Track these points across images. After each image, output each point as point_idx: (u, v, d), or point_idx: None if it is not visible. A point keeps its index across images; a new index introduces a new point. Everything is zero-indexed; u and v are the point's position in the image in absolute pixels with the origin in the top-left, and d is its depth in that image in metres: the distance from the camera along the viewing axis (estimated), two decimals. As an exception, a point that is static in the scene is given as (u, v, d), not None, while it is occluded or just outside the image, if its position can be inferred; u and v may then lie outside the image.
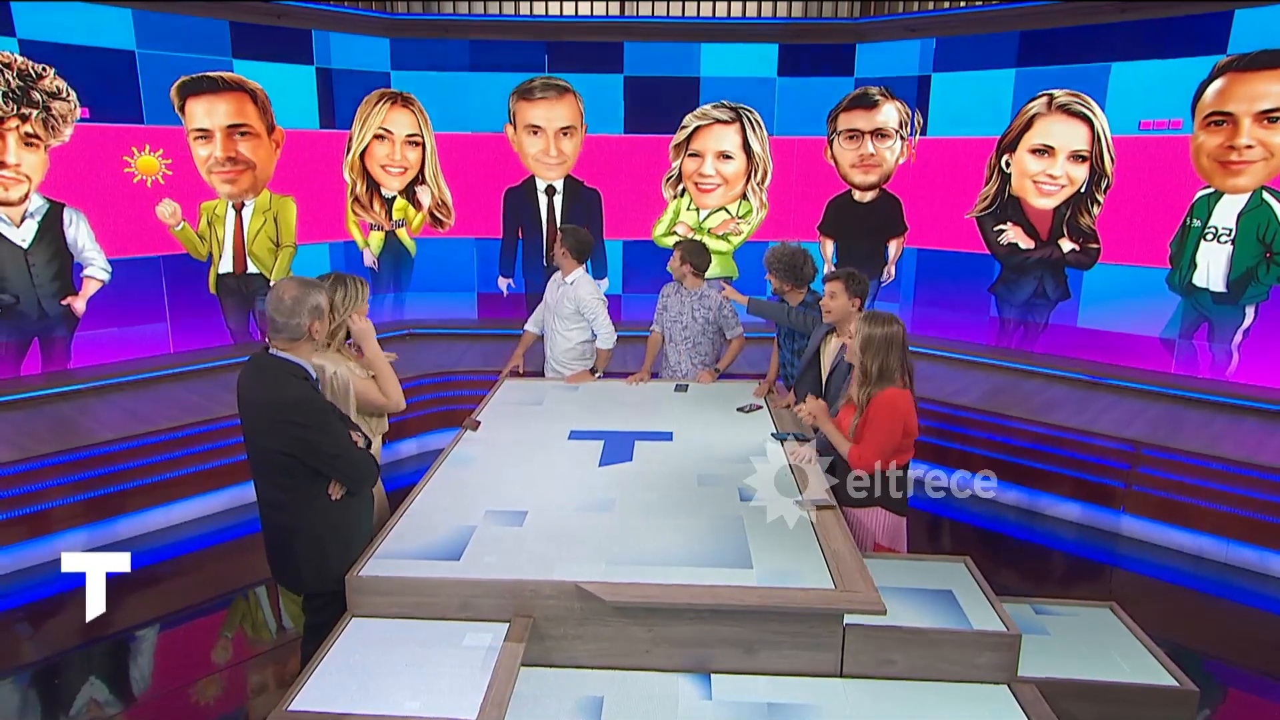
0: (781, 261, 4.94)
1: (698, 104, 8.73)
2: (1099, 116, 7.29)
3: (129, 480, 5.62)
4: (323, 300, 3.01)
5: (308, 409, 2.92)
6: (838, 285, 4.29)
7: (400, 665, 2.61)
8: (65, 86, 6.49)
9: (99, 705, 4.06)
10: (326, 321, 3.07)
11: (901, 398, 3.52)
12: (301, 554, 3.04)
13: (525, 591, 2.83)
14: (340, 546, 3.06)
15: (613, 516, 3.38)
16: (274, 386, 2.93)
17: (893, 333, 3.55)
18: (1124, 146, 7.20)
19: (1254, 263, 6.66)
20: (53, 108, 6.44)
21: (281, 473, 2.97)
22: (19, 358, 6.65)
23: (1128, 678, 2.87)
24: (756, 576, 2.89)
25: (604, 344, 5.43)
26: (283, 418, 2.90)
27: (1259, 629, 4.94)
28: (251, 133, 7.68)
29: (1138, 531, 5.80)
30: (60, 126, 6.51)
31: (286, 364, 2.95)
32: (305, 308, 2.94)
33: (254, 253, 7.92)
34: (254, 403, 2.99)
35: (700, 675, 2.81)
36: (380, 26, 8.40)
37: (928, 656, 2.80)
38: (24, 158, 6.38)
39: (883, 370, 3.52)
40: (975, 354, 8.02)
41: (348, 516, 3.10)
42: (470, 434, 4.42)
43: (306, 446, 2.91)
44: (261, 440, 2.99)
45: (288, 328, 2.93)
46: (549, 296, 5.55)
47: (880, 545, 3.58)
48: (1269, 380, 6.69)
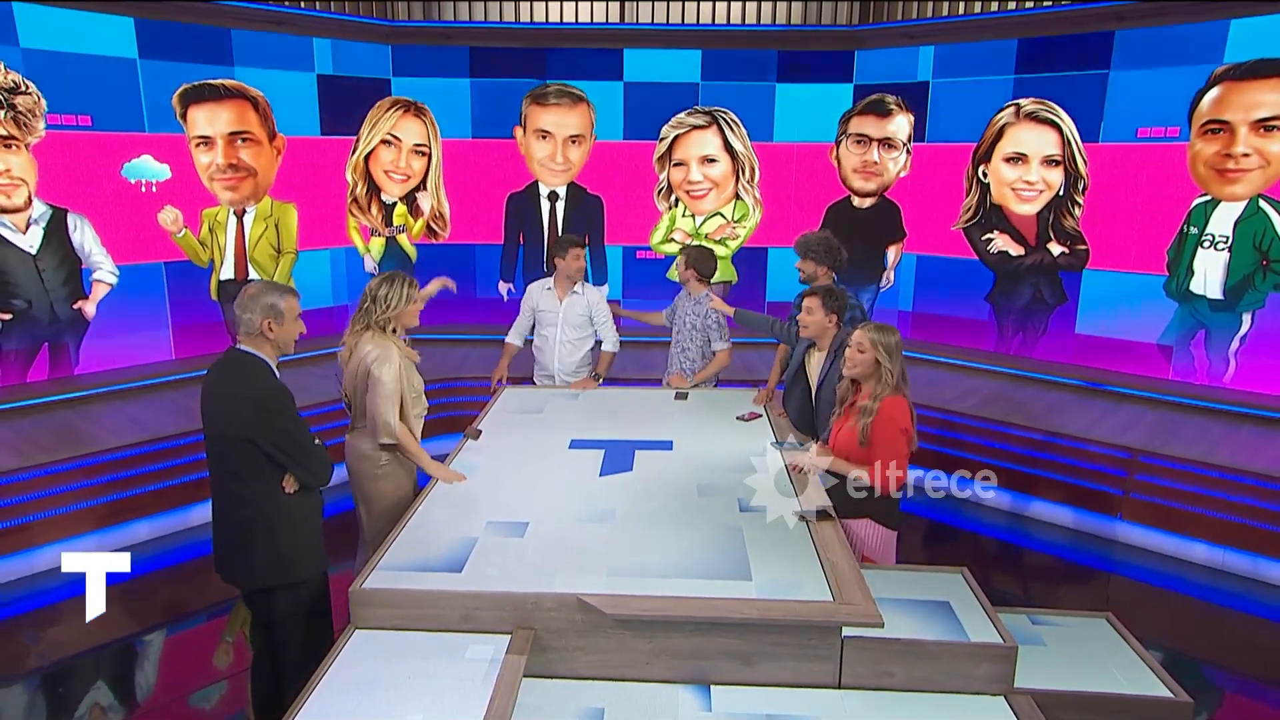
0: (821, 243, 4.95)
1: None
2: (1066, 121, 7.42)
3: (134, 487, 5.66)
4: (280, 302, 3.17)
5: (280, 397, 3.13)
6: (815, 301, 4.35)
7: (403, 678, 2.63)
8: (22, 80, 6.38)
9: (103, 711, 4.09)
10: (286, 326, 3.20)
11: (899, 406, 3.56)
12: (255, 546, 3.19)
13: (527, 604, 2.85)
14: (291, 539, 3.22)
15: (613, 527, 3.41)
16: (244, 376, 3.13)
17: (900, 339, 3.65)
18: (1121, 154, 7.24)
19: (1251, 270, 6.69)
20: (17, 104, 6.35)
21: (243, 463, 3.13)
22: (28, 363, 6.68)
23: (1123, 689, 2.89)
24: (755, 588, 2.91)
25: (614, 347, 5.57)
26: (254, 404, 3.09)
27: (1255, 635, 4.97)
28: (253, 140, 7.71)
29: (1135, 538, 5.83)
30: (32, 121, 6.43)
31: (253, 358, 3.17)
32: (259, 305, 3.14)
33: (256, 259, 7.95)
34: (223, 393, 3.16)
35: (700, 686, 2.83)
36: (381, 33, 8.42)
37: (925, 668, 2.83)
38: (8, 160, 6.36)
39: (903, 373, 3.60)
40: (973, 359, 8.05)
41: (302, 509, 3.27)
42: (471, 443, 4.45)
43: (274, 433, 3.09)
44: (226, 428, 3.13)
45: (242, 321, 3.16)
46: (545, 307, 5.57)
47: (868, 558, 3.61)
48: (1266, 387, 6.71)
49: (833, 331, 4.40)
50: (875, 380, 3.61)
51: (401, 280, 3.88)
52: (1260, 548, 5.38)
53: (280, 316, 3.17)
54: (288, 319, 3.20)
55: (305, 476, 3.20)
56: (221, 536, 3.30)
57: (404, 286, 3.86)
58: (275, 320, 3.15)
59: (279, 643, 3.30)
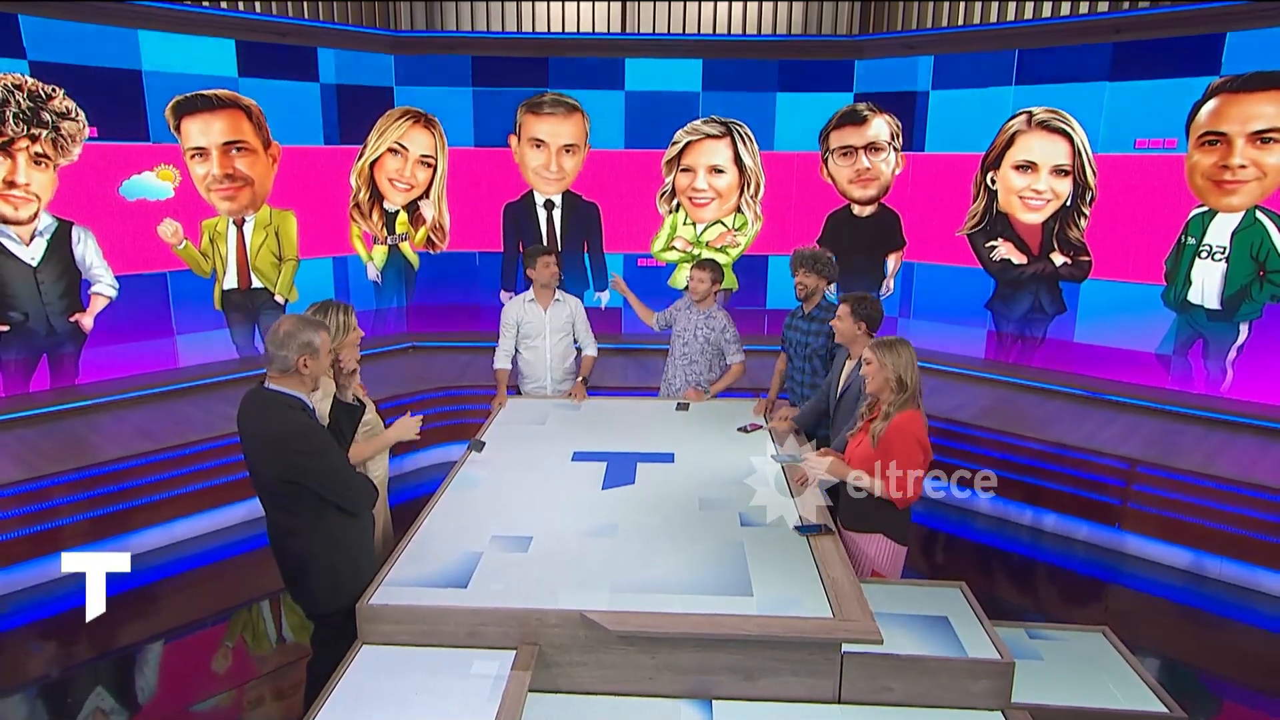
0: (812, 257, 5.05)
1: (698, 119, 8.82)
2: (1078, 131, 7.41)
3: (138, 497, 5.69)
4: (316, 339, 3.09)
5: (311, 439, 3.05)
6: (845, 308, 4.37)
7: (410, 694, 2.68)
8: (74, 107, 6.57)
9: (106, 716, 4.13)
10: (320, 360, 3.13)
11: (915, 420, 3.57)
12: (315, 577, 3.15)
13: (531, 620, 2.90)
14: (350, 567, 3.18)
15: (616, 542, 3.45)
16: (272, 419, 3.04)
17: (912, 354, 3.65)
18: (1120, 165, 7.28)
19: (1248, 280, 6.73)
20: (62, 128, 6.51)
21: (289, 499, 3.08)
22: (28, 374, 6.72)
23: (1119, 704, 2.94)
24: (756, 605, 2.96)
25: (594, 351, 5.79)
26: (284, 447, 3.02)
27: (1251, 645, 5.01)
28: (248, 149, 7.74)
29: (1134, 548, 5.87)
30: (69, 146, 6.58)
31: (282, 396, 3.07)
32: (295, 343, 3.05)
33: (257, 267, 7.99)
34: (254, 435, 3.10)
35: (702, 701, 2.88)
36: (385, 44, 8.48)
37: (923, 684, 2.87)
38: (33, 177, 6.46)
39: (918, 388, 3.62)
40: (973, 368, 8.09)
41: (353, 537, 3.22)
42: (475, 455, 4.49)
43: (311, 473, 3.03)
44: (264, 470, 3.09)
45: (276, 359, 3.06)
46: (529, 319, 5.67)
47: (878, 573, 3.64)
48: (1263, 396, 6.76)
49: (862, 340, 4.37)
50: (890, 394, 3.61)
51: (337, 308, 3.66)
52: (1258, 558, 5.41)
53: (316, 353, 3.11)
54: (322, 354, 3.14)
55: (344, 505, 3.15)
56: (283, 566, 3.26)
57: (340, 314, 3.61)
58: (311, 356, 3.09)
59: (320, 657, 3.27)
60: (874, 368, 3.64)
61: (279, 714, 4.15)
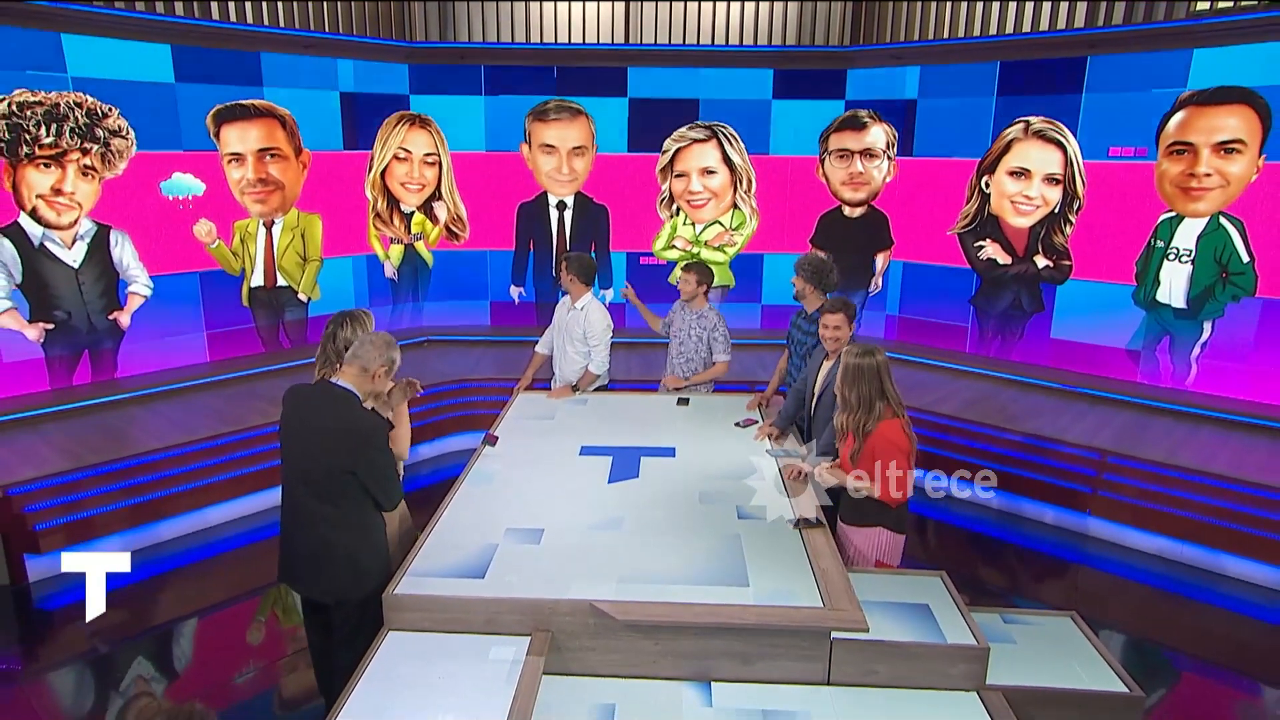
0: (811, 264, 5.02)
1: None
2: (1071, 143, 7.42)
3: (174, 485, 5.77)
4: (399, 359, 3.23)
5: (381, 433, 3.16)
6: (841, 318, 4.33)
7: (433, 678, 2.76)
8: (126, 126, 6.69)
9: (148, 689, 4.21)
10: (386, 379, 3.23)
11: (894, 429, 3.55)
12: (333, 564, 3.20)
13: (544, 609, 2.97)
14: (371, 556, 3.24)
15: (622, 535, 3.52)
16: (345, 413, 3.12)
17: (871, 364, 3.58)
18: (1095, 171, 7.33)
19: (1211, 282, 6.80)
20: (112, 144, 6.62)
21: (337, 490, 3.13)
22: (71, 369, 6.80)
23: (1084, 684, 3.02)
24: (753, 595, 3.04)
25: (594, 369, 5.51)
26: (359, 438, 3.09)
27: (1211, 624, 5.10)
28: (280, 155, 7.80)
29: (1103, 533, 5.96)
30: (116, 161, 6.69)
31: (349, 392, 3.15)
32: (386, 356, 3.20)
33: (283, 267, 8.05)
34: (320, 427, 3.14)
35: (702, 683, 2.96)
36: (400, 54, 8.50)
37: (906, 667, 2.95)
38: (79, 187, 6.55)
39: (860, 400, 3.57)
40: (956, 362, 8.16)
41: (378, 531, 3.29)
42: (489, 449, 4.55)
43: (372, 467, 3.12)
44: (325, 459, 3.11)
45: (360, 356, 3.17)
46: (559, 319, 5.65)
47: (881, 563, 3.69)
48: (1224, 390, 6.85)
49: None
50: (867, 403, 3.59)
51: (357, 314, 3.79)
52: (1218, 543, 5.50)
53: (391, 371, 3.21)
54: (392, 375, 3.25)
55: (383, 501, 3.21)
56: (293, 549, 3.28)
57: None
58: (387, 371, 3.20)
59: (338, 641, 3.33)
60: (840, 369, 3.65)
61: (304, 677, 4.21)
